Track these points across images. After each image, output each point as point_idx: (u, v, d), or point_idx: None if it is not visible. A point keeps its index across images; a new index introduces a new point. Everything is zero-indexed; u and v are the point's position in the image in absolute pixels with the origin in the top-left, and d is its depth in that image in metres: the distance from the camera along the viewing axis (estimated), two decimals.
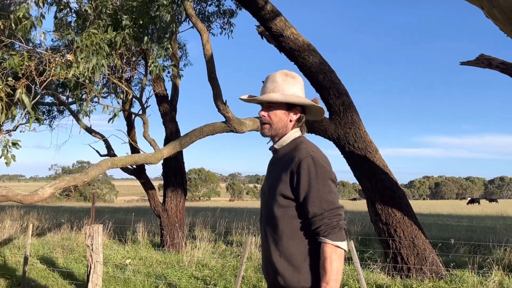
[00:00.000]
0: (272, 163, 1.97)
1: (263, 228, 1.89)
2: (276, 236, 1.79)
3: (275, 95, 1.90)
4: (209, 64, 6.12)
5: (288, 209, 1.78)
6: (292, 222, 1.77)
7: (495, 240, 8.43)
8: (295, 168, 1.77)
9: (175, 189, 9.33)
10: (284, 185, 1.79)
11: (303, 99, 1.93)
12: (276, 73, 1.97)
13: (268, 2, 6.93)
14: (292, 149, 1.88)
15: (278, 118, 1.92)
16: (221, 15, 10.70)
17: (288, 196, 1.78)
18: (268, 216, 1.85)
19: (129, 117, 9.54)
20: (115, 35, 4.49)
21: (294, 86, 1.94)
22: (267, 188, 1.90)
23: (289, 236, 1.77)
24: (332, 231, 1.70)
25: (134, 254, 8.18)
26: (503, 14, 4.10)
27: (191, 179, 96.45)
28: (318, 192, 1.73)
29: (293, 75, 1.98)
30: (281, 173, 1.82)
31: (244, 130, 6.31)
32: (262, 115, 1.94)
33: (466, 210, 32.92)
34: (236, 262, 7.20)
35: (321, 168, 1.77)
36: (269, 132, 1.94)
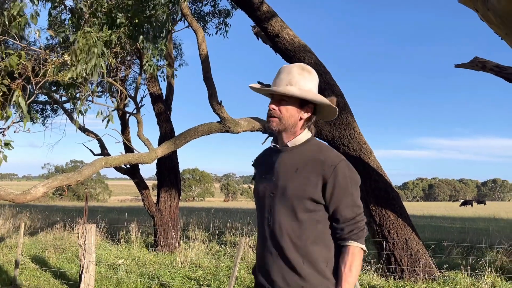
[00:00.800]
0: (282, 162, 1.80)
1: (276, 233, 1.74)
2: (299, 241, 1.70)
3: (293, 88, 1.77)
4: (205, 63, 6.11)
5: (315, 213, 1.71)
6: (316, 226, 1.71)
7: (488, 242, 8.48)
8: (329, 172, 1.68)
9: (169, 189, 9.29)
10: (314, 189, 1.69)
11: (321, 97, 1.81)
12: (292, 65, 1.83)
13: (264, 2, 6.93)
14: (314, 150, 1.77)
15: (290, 114, 1.79)
16: (216, 15, 10.70)
17: (318, 200, 1.70)
18: (288, 221, 1.72)
19: (123, 117, 9.49)
20: (110, 34, 4.46)
21: (310, 82, 1.81)
22: (284, 189, 1.74)
23: (313, 242, 1.70)
24: (362, 234, 1.71)
25: (127, 254, 8.13)
26: (497, 17, 4.13)
27: (185, 179, 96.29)
28: (352, 197, 1.70)
29: (309, 69, 1.84)
30: (310, 175, 1.71)
31: (239, 130, 6.29)
32: (273, 108, 1.80)
33: (459, 212, 33.10)
34: (229, 262, 7.18)
35: (354, 173, 1.75)
36: (277, 126, 1.79)
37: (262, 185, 1.85)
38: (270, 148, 1.94)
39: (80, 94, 5.36)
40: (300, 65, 1.84)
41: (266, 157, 1.93)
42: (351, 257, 1.68)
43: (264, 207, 1.81)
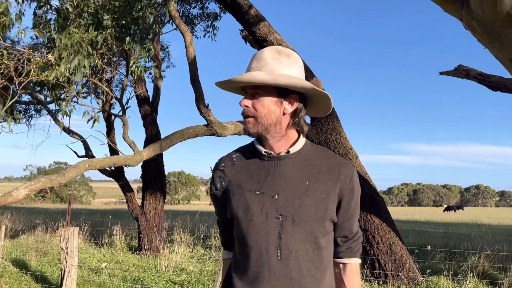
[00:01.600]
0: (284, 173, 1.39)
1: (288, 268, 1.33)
2: (319, 273, 1.35)
3: (258, 74, 1.35)
4: (192, 66, 6.09)
5: (330, 235, 1.42)
6: (330, 250, 1.43)
7: (470, 247, 8.60)
8: (347, 184, 1.39)
9: (154, 192, 9.22)
10: (333, 206, 1.38)
11: (298, 80, 1.36)
12: (264, 50, 1.42)
13: (252, 6, 6.94)
14: (320, 156, 1.42)
15: (267, 110, 1.38)
16: (205, 18, 10.68)
17: (335, 219, 1.41)
18: (306, 249, 1.34)
19: (109, 118, 9.40)
20: (96, 35, 4.41)
21: (289, 68, 1.39)
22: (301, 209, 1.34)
23: (329, 269, 1.41)
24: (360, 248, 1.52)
25: (111, 258, 8.03)
26: (481, 26, 4.20)
27: (171, 182, 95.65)
28: (358, 210, 1.49)
29: (288, 52, 1.42)
30: (328, 190, 1.37)
31: (226, 133, 6.28)
32: (245, 105, 1.40)
33: (442, 217, 33.56)
34: (214, 266, 7.14)
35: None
36: (255, 128, 1.39)
37: (256, 204, 1.37)
38: (246, 152, 1.48)
39: (65, 95, 5.29)
40: (276, 47, 1.42)
41: (246, 164, 1.46)
42: (353, 273, 1.47)
43: (263, 234, 1.35)
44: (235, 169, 1.46)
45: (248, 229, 1.37)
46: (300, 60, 1.44)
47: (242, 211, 1.39)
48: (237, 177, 1.44)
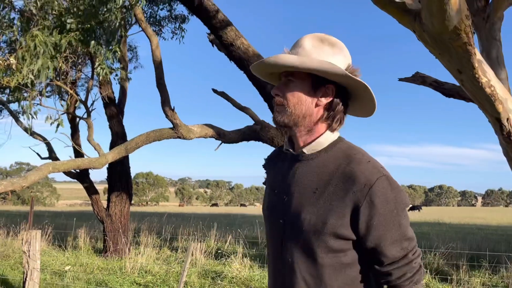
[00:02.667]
0: (298, 175, 1.28)
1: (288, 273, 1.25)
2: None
3: (286, 56, 1.22)
4: (158, 70, 6.14)
5: (341, 254, 1.20)
6: (344, 272, 1.20)
7: (427, 245, 9.00)
8: (363, 195, 1.15)
9: (120, 194, 9.17)
10: (340, 220, 1.17)
11: (330, 65, 1.20)
12: (306, 36, 1.28)
13: (219, 11, 7.05)
14: (341, 160, 1.23)
15: (297, 100, 1.25)
16: (173, 19, 10.70)
17: (346, 236, 1.18)
18: (303, 261, 1.22)
19: (73, 120, 9.28)
20: (60, 38, 4.41)
21: (331, 57, 1.24)
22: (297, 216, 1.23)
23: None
24: (419, 278, 1.21)
25: (75, 261, 7.94)
26: (431, 38, 4.48)
27: (139, 183, 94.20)
28: (400, 229, 1.18)
29: (332, 41, 1.27)
30: (333, 200, 1.19)
31: (192, 137, 6.36)
32: (275, 93, 1.29)
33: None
34: (180, 268, 7.20)
35: (400, 193, 1.20)
36: (282, 118, 1.26)
37: (272, 203, 1.34)
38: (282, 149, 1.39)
39: (28, 97, 5.24)
40: (320, 35, 1.27)
41: (280, 160, 1.39)
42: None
43: (273, 235, 1.31)
44: (271, 165, 1.45)
45: (267, 227, 1.37)
46: (345, 50, 1.28)
47: (265, 209, 1.38)
48: (270, 172, 1.43)
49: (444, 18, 4.08)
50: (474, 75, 4.51)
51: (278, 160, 1.41)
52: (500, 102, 4.68)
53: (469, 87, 4.72)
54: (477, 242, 10.56)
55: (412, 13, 4.51)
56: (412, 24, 4.61)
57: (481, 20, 6.40)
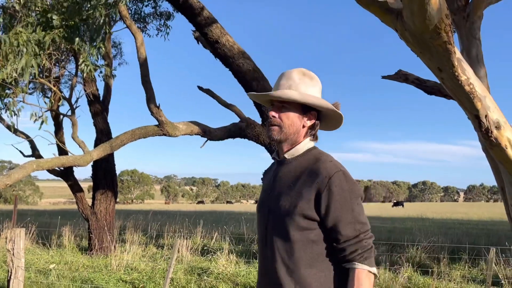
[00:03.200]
0: (279, 175, 1.66)
1: (269, 254, 1.58)
2: (291, 263, 1.51)
3: (292, 92, 1.62)
4: (143, 67, 6.14)
5: (309, 232, 1.52)
6: (312, 247, 1.52)
7: (410, 240, 9.18)
8: (324, 184, 1.50)
9: (105, 192, 9.12)
10: (307, 204, 1.51)
11: (324, 102, 1.65)
12: (292, 70, 1.69)
13: (204, 8, 7.06)
14: (311, 161, 1.60)
15: (291, 121, 1.64)
16: (157, 16, 10.64)
17: (311, 217, 1.51)
18: (279, 240, 1.55)
19: (57, 118, 9.19)
20: (44, 35, 4.38)
21: (312, 88, 1.67)
22: (278, 204, 1.59)
23: (307, 264, 1.51)
24: (369, 255, 1.50)
25: (59, 259, 7.89)
26: (413, 37, 4.58)
27: (124, 181, 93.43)
28: (353, 213, 1.50)
29: (311, 75, 1.70)
30: (302, 189, 1.54)
31: (177, 134, 6.38)
32: (273, 115, 1.65)
33: (391, 212, 35.06)
34: (166, 265, 7.21)
35: (354, 185, 1.55)
36: (278, 135, 1.64)
37: (262, 200, 1.72)
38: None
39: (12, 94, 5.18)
40: (301, 70, 1.70)
41: (270, 170, 1.80)
42: (357, 282, 1.47)
43: (261, 223, 1.67)
44: (265, 176, 1.84)
45: (257, 220, 1.74)
46: (319, 82, 1.72)
47: (257, 205, 1.76)
48: (264, 181, 1.83)
49: (425, 17, 4.18)
50: (454, 73, 4.62)
51: (270, 170, 1.81)
52: (479, 100, 4.81)
53: (449, 85, 4.84)
54: (458, 236, 10.80)
55: (394, 12, 4.60)
56: (394, 22, 4.70)
57: (462, 19, 6.54)
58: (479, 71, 6.26)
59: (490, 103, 4.97)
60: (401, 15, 4.53)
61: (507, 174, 5.43)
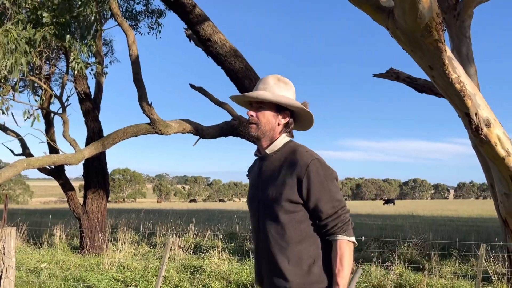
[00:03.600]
0: (263, 169, 1.89)
1: (263, 238, 1.82)
2: (283, 242, 1.75)
3: (265, 93, 1.84)
4: (135, 65, 6.10)
5: (295, 214, 1.76)
6: (299, 226, 1.75)
7: (401, 236, 9.25)
8: (303, 172, 1.74)
9: (96, 190, 9.07)
10: (290, 190, 1.74)
11: (292, 101, 1.87)
12: (268, 76, 1.93)
13: (196, 6, 7.04)
14: (289, 153, 1.83)
15: (266, 119, 1.86)
16: (149, 14, 10.60)
17: (296, 201, 1.75)
18: (271, 224, 1.78)
19: (48, 116, 9.12)
20: (34, 33, 4.34)
21: (286, 91, 1.89)
22: (266, 195, 1.81)
23: (297, 242, 1.74)
24: (347, 227, 1.74)
25: (50, 258, 7.84)
26: (404, 35, 4.61)
27: (115, 179, 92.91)
28: (330, 193, 1.74)
29: (285, 80, 1.93)
30: (285, 178, 1.77)
31: (170, 132, 6.36)
32: (251, 115, 1.88)
33: (382, 210, 35.30)
34: (159, 263, 7.20)
35: (328, 170, 1.78)
36: (256, 132, 1.86)
37: (251, 193, 1.94)
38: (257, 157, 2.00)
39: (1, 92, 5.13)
40: (276, 76, 1.93)
41: (254, 166, 2.01)
42: (339, 251, 1.71)
43: (253, 213, 1.90)
44: (250, 171, 2.06)
45: (250, 212, 1.95)
46: (293, 87, 1.95)
47: (247, 200, 1.98)
48: (249, 176, 2.04)
49: (416, 15, 4.21)
50: (445, 71, 4.67)
51: (254, 166, 2.03)
52: (469, 97, 4.86)
53: (440, 83, 4.88)
54: (448, 233, 10.91)
55: (385, 11, 4.63)
56: (385, 21, 4.73)
57: (452, 18, 6.60)
58: (470, 69, 6.33)
59: (480, 101, 5.03)
60: (392, 13, 4.56)
61: (496, 171, 5.50)
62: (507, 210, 5.56)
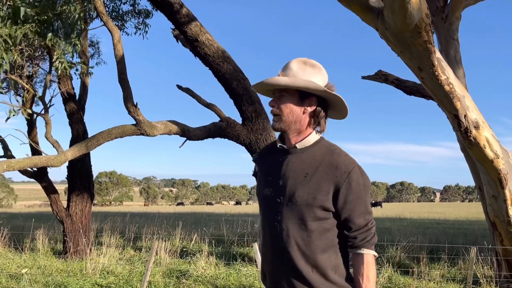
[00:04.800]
0: (289, 165, 1.68)
1: (284, 240, 1.64)
2: (308, 250, 1.61)
3: (280, 78, 1.64)
4: (120, 64, 5.97)
5: (324, 221, 1.62)
6: (326, 235, 1.62)
7: (389, 240, 9.23)
8: (343, 179, 1.59)
9: (80, 193, 8.87)
10: (325, 196, 1.59)
11: (313, 84, 1.63)
12: (292, 60, 1.70)
13: (183, 6, 6.93)
14: (325, 153, 1.66)
15: (289, 110, 1.66)
16: (136, 14, 10.44)
17: (328, 208, 1.60)
18: (296, 228, 1.62)
19: (30, 116, 8.89)
20: (15, 30, 4.19)
21: (314, 75, 1.66)
22: (293, 196, 1.63)
23: (322, 250, 1.61)
24: (374, 240, 1.65)
25: (32, 263, 7.62)
26: (393, 36, 4.57)
27: (102, 182, 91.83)
28: (365, 205, 1.63)
29: (312, 63, 1.69)
30: (320, 181, 1.60)
31: (156, 133, 6.23)
32: (271, 105, 1.69)
33: None
34: (144, 268, 7.04)
35: (367, 179, 1.65)
36: (279, 125, 1.67)
37: (268, 187, 1.72)
38: (275, 145, 1.78)
39: None
40: (302, 59, 1.71)
41: (271, 155, 1.78)
42: (366, 266, 1.61)
43: (271, 211, 1.69)
44: (262, 158, 1.82)
45: (262, 206, 1.75)
46: (323, 70, 1.70)
47: (260, 192, 1.77)
48: (262, 164, 1.81)
49: (405, 16, 4.17)
50: (434, 73, 4.64)
51: (269, 155, 1.79)
52: (458, 99, 4.83)
53: (429, 84, 4.85)
54: (436, 236, 10.93)
55: (375, 11, 4.59)
56: (374, 22, 4.68)
57: (440, 20, 6.61)
58: (458, 72, 6.32)
59: (469, 103, 5.01)
60: (382, 14, 4.51)
61: (485, 173, 5.49)
62: (495, 212, 5.55)
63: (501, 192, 5.32)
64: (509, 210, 5.36)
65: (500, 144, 5.25)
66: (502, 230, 5.54)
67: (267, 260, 1.73)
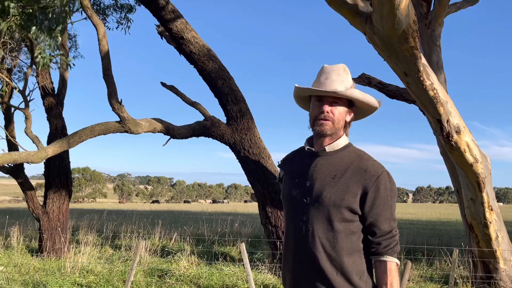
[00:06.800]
0: (318, 168, 1.71)
1: (309, 241, 1.64)
2: (334, 252, 1.61)
3: (357, 92, 1.71)
4: (105, 60, 5.88)
5: (351, 223, 1.63)
6: (351, 238, 1.63)
7: None
8: (371, 183, 1.62)
9: (58, 190, 8.67)
10: (353, 198, 1.61)
11: (373, 100, 1.76)
12: (338, 66, 1.75)
13: (169, 2, 6.86)
14: (353, 157, 1.70)
15: (341, 117, 1.71)
16: (118, 9, 10.27)
17: (355, 211, 1.62)
18: (322, 229, 1.63)
19: (8, 110, 8.65)
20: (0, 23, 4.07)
21: (351, 82, 1.76)
22: (321, 197, 1.64)
23: (348, 253, 1.61)
24: (397, 248, 1.65)
25: (7, 261, 7.41)
26: (381, 41, 4.65)
27: (74, 178, 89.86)
28: (391, 211, 1.64)
29: (347, 70, 1.77)
30: (349, 183, 1.63)
31: (140, 131, 6.16)
32: (327, 110, 1.69)
33: None
34: (124, 267, 6.95)
35: (394, 185, 1.68)
36: (330, 130, 1.70)
37: (294, 189, 1.74)
38: (301, 150, 1.83)
39: None
40: (343, 66, 1.77)
41: (297, 159, 1.82)
42: (390, 274, 1.60)
43: (297, 212, 1.71)
44: (288, 164, 1.86)
45: (288, 207, 1.77)
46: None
47: (286, 194, 1.78)
48: (288, 168, 1.85)
49: (394, 22, 4.25)
50: (419, 78, 4.74)
51: (295, 159, 1.84)
52: (442, 105, 4.96)
53: (414, 89, 4.96)
54: (411, 237, 11.17)
55: (363, 16, 4.65)
56: (363, 26, 4.75)
57: (423, 26, 6.76)
58: (440, 77, 6.48)
59: (451, 109, 5.15)
60: (370, 19, 4.58)
61: (464, 177, 5.66)
62: (473, 215, 5.73)
63: (479, 195, 5.49)
64: (486, 213, 5.54)
65: (479, 149, 5.41)
66: (479, 232, 5.72)
67: (288, 263, 1.72)
